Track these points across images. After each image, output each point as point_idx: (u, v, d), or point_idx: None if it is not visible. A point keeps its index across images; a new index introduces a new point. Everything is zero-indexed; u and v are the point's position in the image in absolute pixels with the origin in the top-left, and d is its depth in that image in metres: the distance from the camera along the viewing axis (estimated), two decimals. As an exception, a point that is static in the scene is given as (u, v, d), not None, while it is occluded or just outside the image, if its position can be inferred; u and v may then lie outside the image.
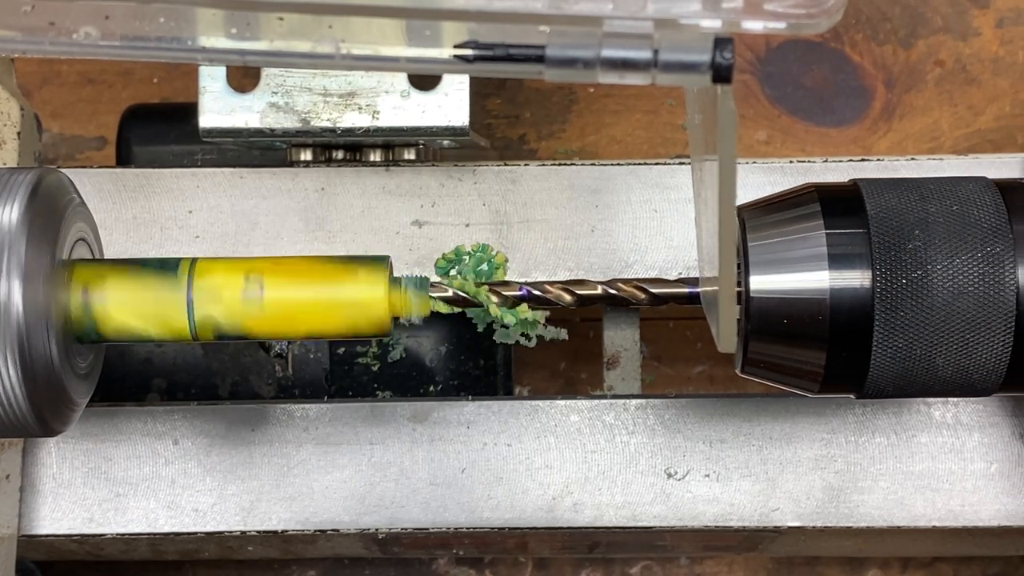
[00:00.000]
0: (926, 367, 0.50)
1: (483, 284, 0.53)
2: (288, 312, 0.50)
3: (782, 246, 0.50)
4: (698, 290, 0.53)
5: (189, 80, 0.77)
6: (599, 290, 0.53)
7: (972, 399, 0.60)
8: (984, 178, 0.52)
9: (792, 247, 0.50)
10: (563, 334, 0.56)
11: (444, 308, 0.52)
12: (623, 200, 0.62)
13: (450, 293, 0.52)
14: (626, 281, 0.54)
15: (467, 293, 0.52)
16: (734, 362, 0.54)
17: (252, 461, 0.61)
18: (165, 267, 0.51)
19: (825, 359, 0.50)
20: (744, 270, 0.51)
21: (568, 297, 0.53)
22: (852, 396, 0.52)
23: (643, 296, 0.54)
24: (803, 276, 0.50)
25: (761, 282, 0.50)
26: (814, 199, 0.51)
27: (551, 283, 0.53)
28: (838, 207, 0.51)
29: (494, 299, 0.52)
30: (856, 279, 0.49)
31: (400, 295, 0.51)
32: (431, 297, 0.52)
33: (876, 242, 0.49)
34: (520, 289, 0.53)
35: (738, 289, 0.51)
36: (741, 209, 0.53)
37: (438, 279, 0.53)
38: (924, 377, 0.50)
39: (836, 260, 0.50)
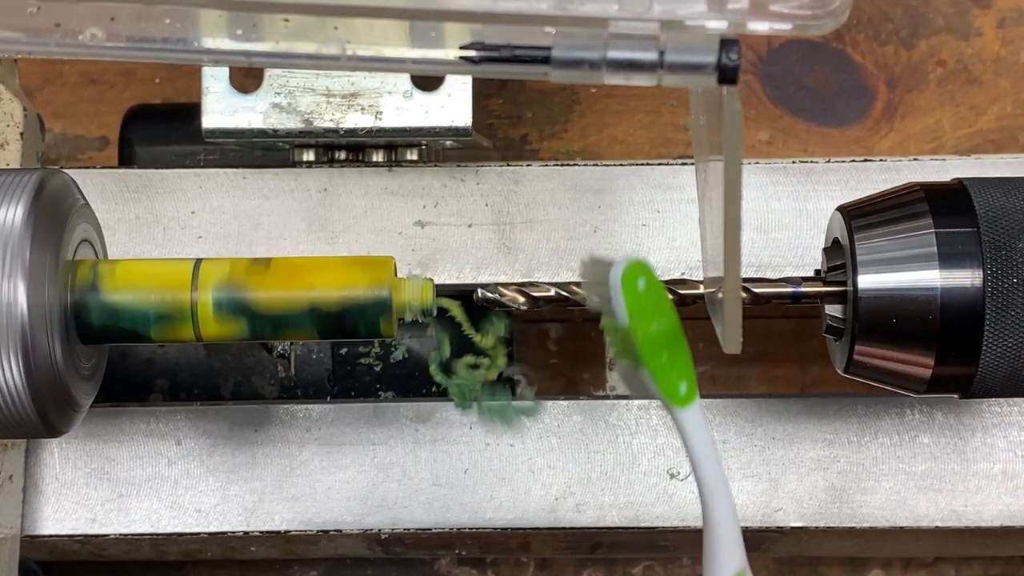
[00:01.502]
0: None
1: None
2: (291, 302, 0.50)
3: (890, 245, 0.50)
4: (802, 290, 0.53)
5: (191, 80, 0.77)
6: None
7: (976, 400, 0.60)
8: None
9: (901, 246, 0.50)
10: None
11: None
12: (625, 200, 0.62)
13: (552, 292, 0.51)
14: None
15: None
16: (835, 362, 0.53)
17: (255, 461, 0.61)
18: (170, 266, 0.51)
19: (935, 358, 0.50)
20: (851, 269, 0.50)
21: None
22: (956, 396, 0.52)
23: (746, 296, 0.52)
24: (913, 275, 0.50)
25: (870, 281, 0.50)
26: (921, 198, 0.51)
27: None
28: (946, 206, 0.51)
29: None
30: (967, 278, 0.49)
31: (404, 296, 0.51)
32: (532, 296, 0.51)
33: (986, 241, 0.49)
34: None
35: (845, 288, 0.51)
36: (843, 209, 0.52)
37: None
38: None
39: (946, 259, 0.50)
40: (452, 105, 0.60)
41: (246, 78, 0.60)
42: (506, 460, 0.60)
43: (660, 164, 0.62)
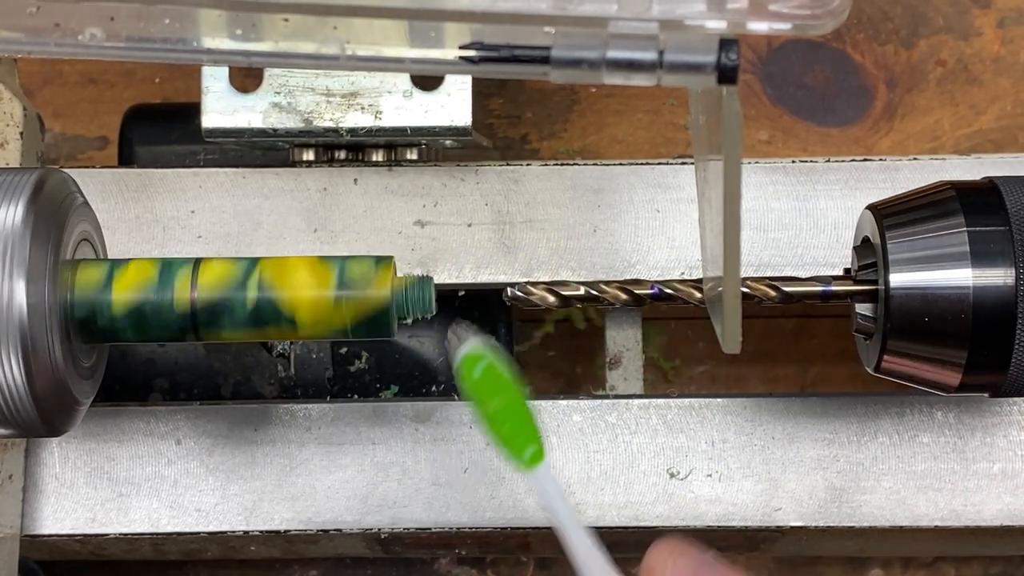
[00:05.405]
0: None
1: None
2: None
3: (922, 244, 0.50)
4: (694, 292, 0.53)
5: (191, 80, 0.77)
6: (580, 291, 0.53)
7: (974, 398, 0.60)
8: None
9: (933, 244, 0.50)
10: None
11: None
12: (625, 200, 0.62)
13: (582, 291, 0.52)
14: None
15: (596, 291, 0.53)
16: (865, 361, 0.54)
17: (255, 461, 0.61)
18: (167, 278, 0.50)
19: (966, 357, 0.50)
20: (883, 267, 0.51)
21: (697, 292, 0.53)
22: (986, 395, 0.52)
23: (775, 295, 0.53)
24: (945, 274, 0.50)
25: (902, 279, 0.50)
26: (953, 196, 0.51)
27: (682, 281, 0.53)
28: (978, 204, 0.51)
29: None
30: (999, 276, 0.50)
31: (403, 295, 0.51)
32: (562, 295, 0.52)
33: (1019, 239, 0.50)
34: (651, 288, 0.53)
35: (878, 287, 0.51)
36: (874, 208, 0.53)
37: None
38: None
39: (978, 257, 0.50)
40: (452, 105, 0.60)
41: (246, 78, 0.61)
42: (506, 459, 0.60)
43: (660, 164, 0.62)
